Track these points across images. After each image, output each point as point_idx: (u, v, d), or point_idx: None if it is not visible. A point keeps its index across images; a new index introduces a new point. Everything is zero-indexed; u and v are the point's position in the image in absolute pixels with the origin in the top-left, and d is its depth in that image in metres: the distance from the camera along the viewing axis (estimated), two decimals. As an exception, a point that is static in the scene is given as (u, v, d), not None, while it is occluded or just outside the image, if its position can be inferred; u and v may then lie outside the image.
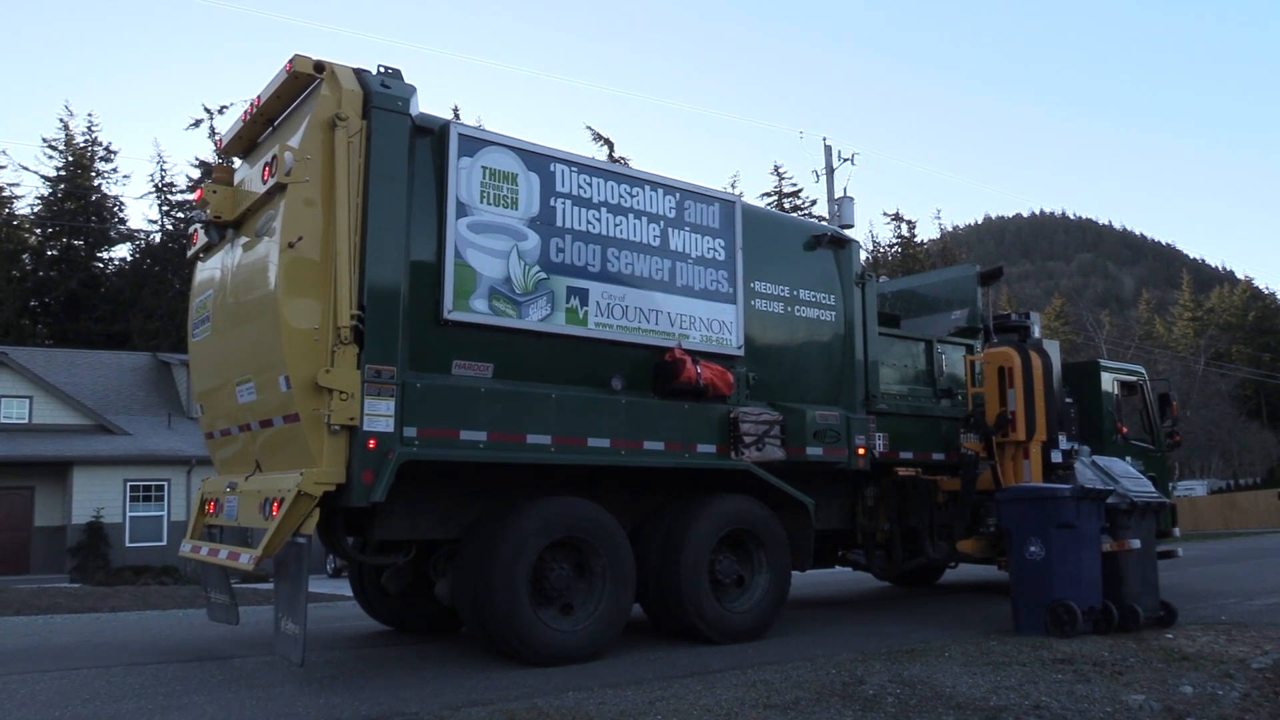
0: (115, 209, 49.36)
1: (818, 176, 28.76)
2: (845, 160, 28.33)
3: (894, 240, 54.81)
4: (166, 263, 48.16)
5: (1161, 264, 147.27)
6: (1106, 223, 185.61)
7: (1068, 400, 11.91)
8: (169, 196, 49.66)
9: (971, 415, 10.00)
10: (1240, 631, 7.96)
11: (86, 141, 48.51)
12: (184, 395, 31.42)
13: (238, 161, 8.27)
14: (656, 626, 8.36)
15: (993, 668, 6.48)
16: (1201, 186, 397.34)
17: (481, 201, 7.35)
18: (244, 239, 7.34)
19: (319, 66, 6.93)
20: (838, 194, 27.44)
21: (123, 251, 50.10)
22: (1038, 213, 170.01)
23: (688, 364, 8.01)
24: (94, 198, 47.93)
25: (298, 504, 6.34)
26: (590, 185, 7.99)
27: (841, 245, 9.79)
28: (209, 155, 48.83)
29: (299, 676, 6.91)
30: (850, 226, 23.67)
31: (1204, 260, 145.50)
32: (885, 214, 73.77)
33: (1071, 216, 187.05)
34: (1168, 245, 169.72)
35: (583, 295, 7.77)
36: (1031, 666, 6.50)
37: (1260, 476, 54.06)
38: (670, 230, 8.40)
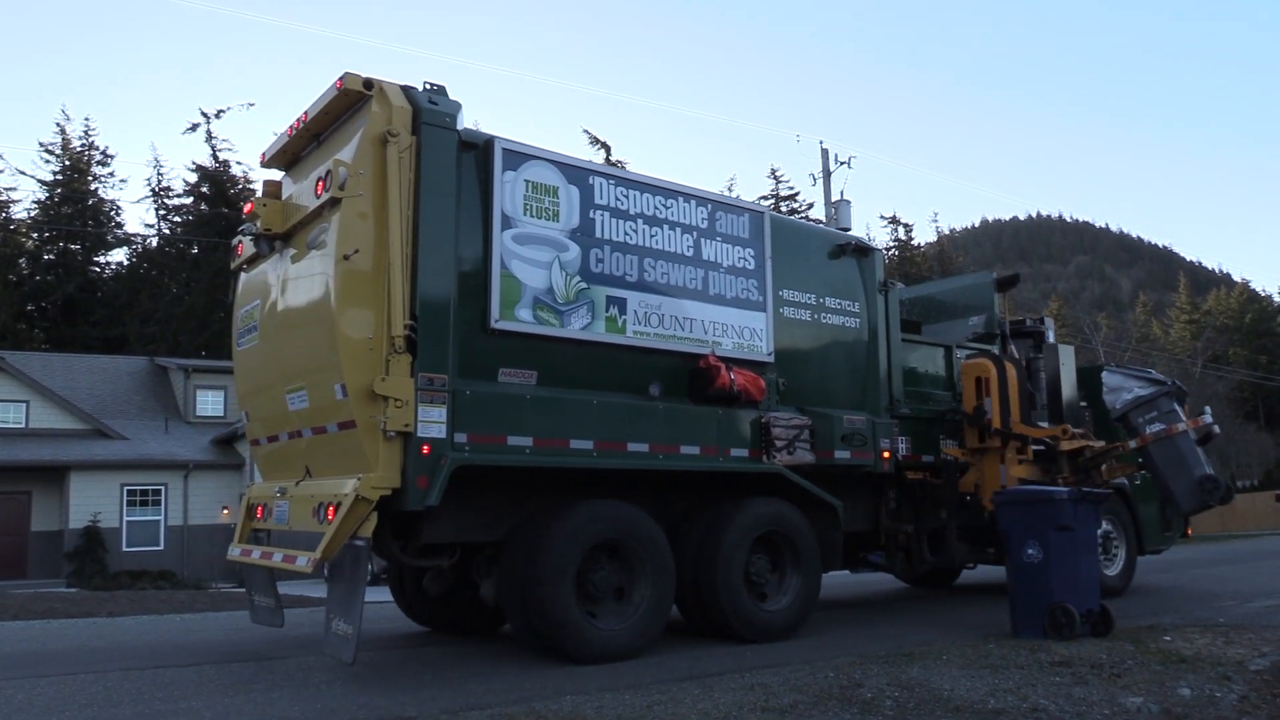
0: (112, 213, 49.47)
1: (815, 180, 28.86)
2: (842, 164, 28.42)
3: (891, 243, 54.92)
4: (163, 267, 48.18)
5: (1159, 266, 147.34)
6: (1103, 225, 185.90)
7: (1082, 404, 12.18)
8: (166, 200, 49.72)
9: (948, 418, 10.51)
10: (1238, 633, 7.96)
11: (83, 145, 48.60)
12: (181, 400, 31.44)
13: (279, 174, 8.44)
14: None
15: (991, 670, 6.48)
16: (1199, 189, 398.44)
17: (525, 214, 7.59)
18: (292, 251, 7.56)
19: (368, 84, 7.10)
20: (835, 197, 27.51)
21: (120, 256, 50.22)
22: (1035, 215, 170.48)
23: (722, 370, 8.25)
24: (91, 202, 47.97)
25: (355, 508, 6.51)
26: (627, 197, 8.23)
27: (865, 254, 10.05)
28: (206, 159, 48.94)
29: (296, 681, 6.90)
30: (847, 230, 23.72)
31: (1201, 263, 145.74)
32: (882, 217, 73.93)
33: (1068, 219, 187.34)
34: (1165, 248, 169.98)
35: (621, 304, 8.00)
36: (1029, 669, 6.50)
37: (1257, 479, 54.09)
38: (703, 240, 8.64)
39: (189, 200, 49.70)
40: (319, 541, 6.62)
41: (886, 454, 9.41)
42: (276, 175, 8.45)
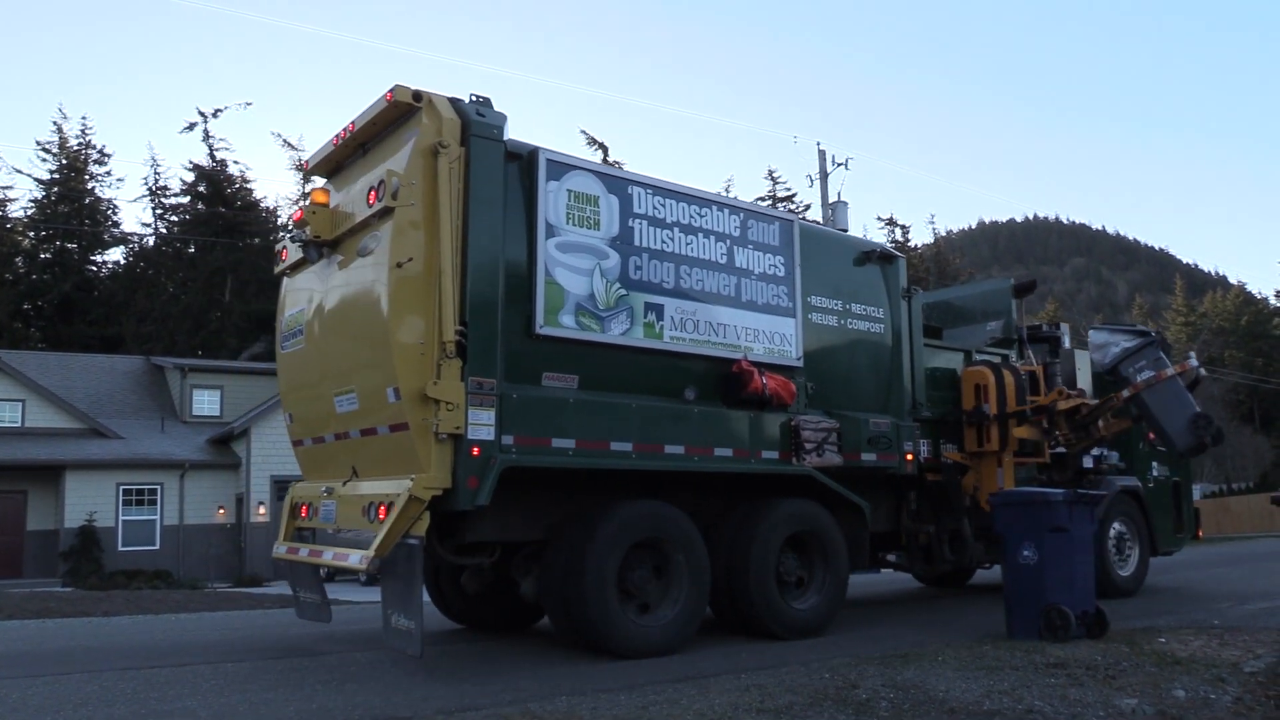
0: (109, 212, 49.36)
1: (811, 181, 28.88)
2: (839, 165, 28.44)
3: (888, 245, 54.88)
4: (160, 266, 48.12)
5: (1155, 269, 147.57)
6: (1100, 228, 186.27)
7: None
8: (163, 199, 49.64)
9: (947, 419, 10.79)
10: (1233, 635, 7.97)
11: (80, 144, 48.50)
12: (177, 399, 31.40)
13: (320, 180, 8.69)
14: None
15: (986, 672, 6.49)
16: (1196, 192, 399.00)
17: (567, 223, 7.81)
18: (339, 257, 7.79)
19: (417, 96, 7.30)
20: (832, 199, 27.54)
21: (116, 255, 50.16)
22: (1031, 217, 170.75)
23: (755, 375, 8.48)
24: (88, 201, 47.87)
25: (408, 508, 6.71)
26: (664, 206, 8.46)
27: (889, 260, 10.32)
28: (203, 158, 48.89)
29: (291, 681, 6.90)
30: (844, 231, 23.73)
31: (1197, 265, 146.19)
32: (879, 219, 73.87)
33: (1065, 221, 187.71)
34: (1161, 250, 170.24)
35: (659, 310, 8.22)
36: (1025, 671, 6.51)
37: (1253, 481, 54.17)
38: (735, 248, 8.86)
39: (186, 199, 49.67)
40: (369, 540, 6.85)
41: (910, 456, 9.72)
42: (319, 182, 8.72)
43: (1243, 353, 67.45)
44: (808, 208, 50.26)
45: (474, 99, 7.51)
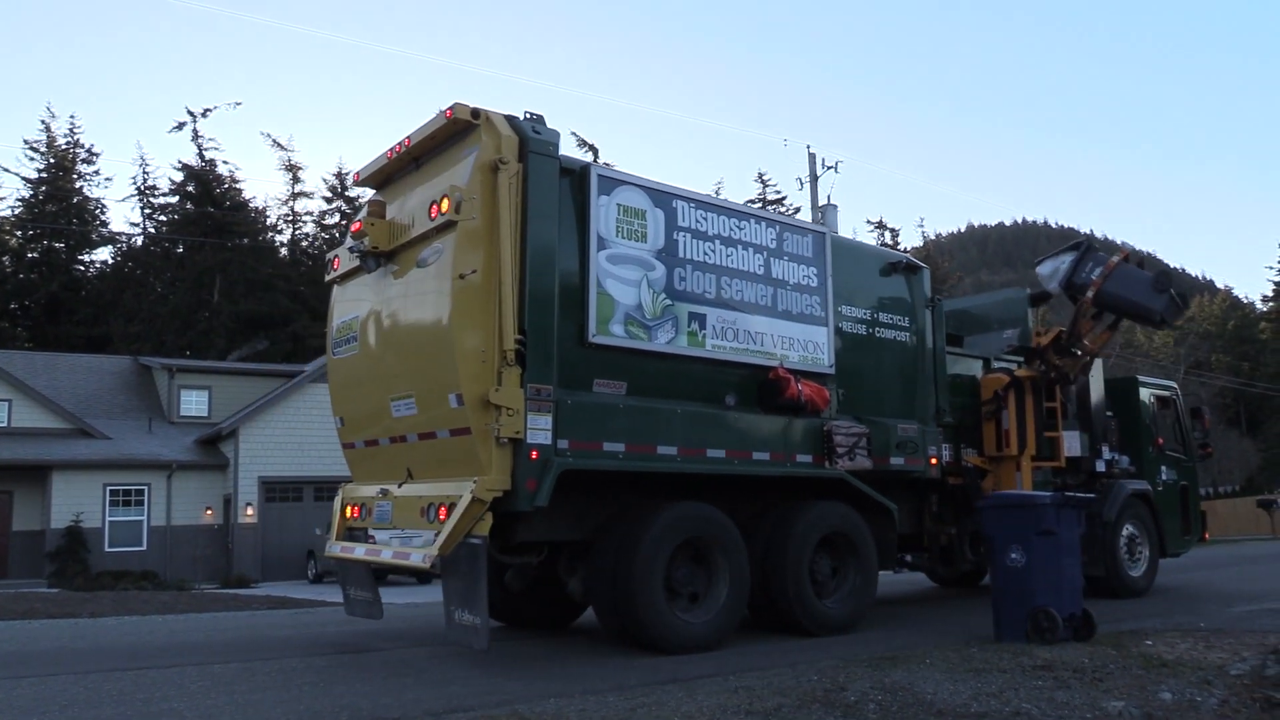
0: (97, 211, 49.13)
1: (801, 184, 28.95)
2: (829, 168, 28.51)
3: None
4: (148, 266, 47.94)
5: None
6: (1088, 231, 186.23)
7: (1108, 414, 12.76)
8: (151, 199, 49.45)
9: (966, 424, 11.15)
10: (1219, 638, 8.01)
11: (68, 143, 48.30)
12: (165, 399, 31.27)
13: (370, 191, 9.01)
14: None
15: (974, 674, 6.50)
16: (1183, 196, 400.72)
17: (617, 235, 8.16)
18: (394, 267, 8.09)
19: (475, 113, 7.67)
20: (821, 201, 27.60)
21: (104, 254, 49.94)
22: (1020, 221, 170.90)
23: (791, 382, 8.85)
24: (75, 200, 47.66)
25: (470, 508, 7.00)
26: (706, 219, 8.79)
27: (914, 271, 10.73)
28: (192, 158, 48.72)
29: (278, 683, 6.89)
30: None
31: (1184, 269, 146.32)
32: (869, 221, 74.15)
33: (1054, 225, 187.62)
34: (1149, 254, 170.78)
35: (701, 320, 8.56)
36: (1012, 673, 6.52)
37: (1239, 484, 54.42)
38: (772, 260, 9.21)
39: (174, 199, 49.48)
40: (431, 539, 7.17)
41: (934, 460, 10.13)
42: (369, 193, 9.02)
43: (1229, 357, 67.71)
44: (798, 210, 50.27)
45: (529, 116, 7.83)
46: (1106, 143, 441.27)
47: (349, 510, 8.80)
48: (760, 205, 50.28)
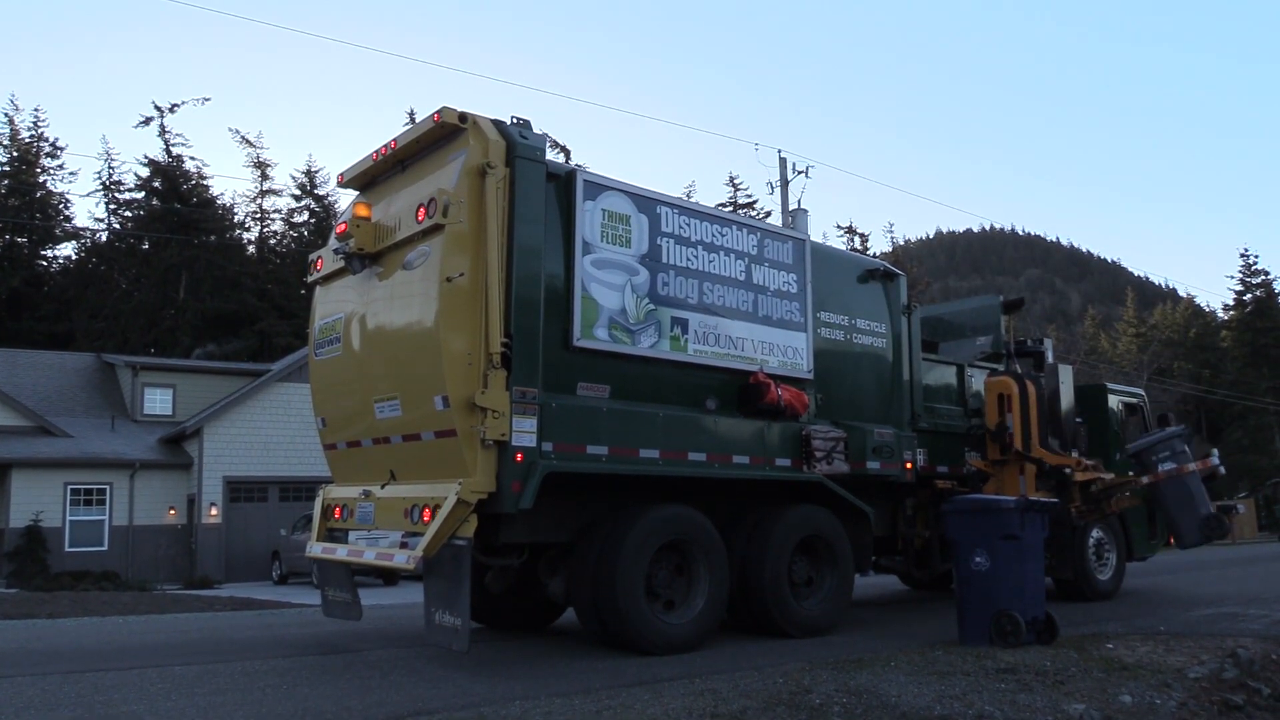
0: (61, 206, 48.42)
1: (772, 188, 28.98)
2: (800, 173, 28.57)
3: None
4: (113, 262, 47.33)
5: (1107, 280, 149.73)
6: (1054, 239, 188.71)
7: (1078, 420, 12.81)
8: (116, 195, 48.83)
9: (971, 432, 11.39)
10: (1178, 642, 8.11)
11: (32, 136, 47.61)
12: (128, 398, 30.86)
13: (353, 192, 9.02)
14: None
15: (938, 677, 6.54)
16: (1147, 205, 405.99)
17: (602, 240, 8.22)
18: (379, 269, 8.08)
19: (463, 117, 7.69)
20: (792, 205, 27.67)
21: (68, 250, 49.23)
22: (988, 228, 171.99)
23: (771, 387, 8.94)
24: (39, 194, 46.95)
25: (455, 510, 7.01)
26: (689, 226, 8.88)
27: (891, 278, 10.85)
28: (159, 154, 48.16)
29: (240, 685, 6.82)
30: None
31: (1148, 278, 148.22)
32: (839, 226, 74.31)
33: (1020, 233, 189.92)
34: (1113, 262, 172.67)
35: (684, 324, 8.66)
36: (976, 676, 6.57)
37: (1200, 490, 54.92)
38: (753, 266, 9.32)
39: (140, 195, 48.89)
40: (415, 541, 7.17)
41: (910, 465, 10.18)
42: (352, 195, 9.07)
43: (1191, 364, 68.60)
44: (768, 214, 50.48)
45: (515, 121, 7.84)
46: (1072, 151, 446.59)
47: (334, 511, 8.76)
48: (732, 209, 50.43)
